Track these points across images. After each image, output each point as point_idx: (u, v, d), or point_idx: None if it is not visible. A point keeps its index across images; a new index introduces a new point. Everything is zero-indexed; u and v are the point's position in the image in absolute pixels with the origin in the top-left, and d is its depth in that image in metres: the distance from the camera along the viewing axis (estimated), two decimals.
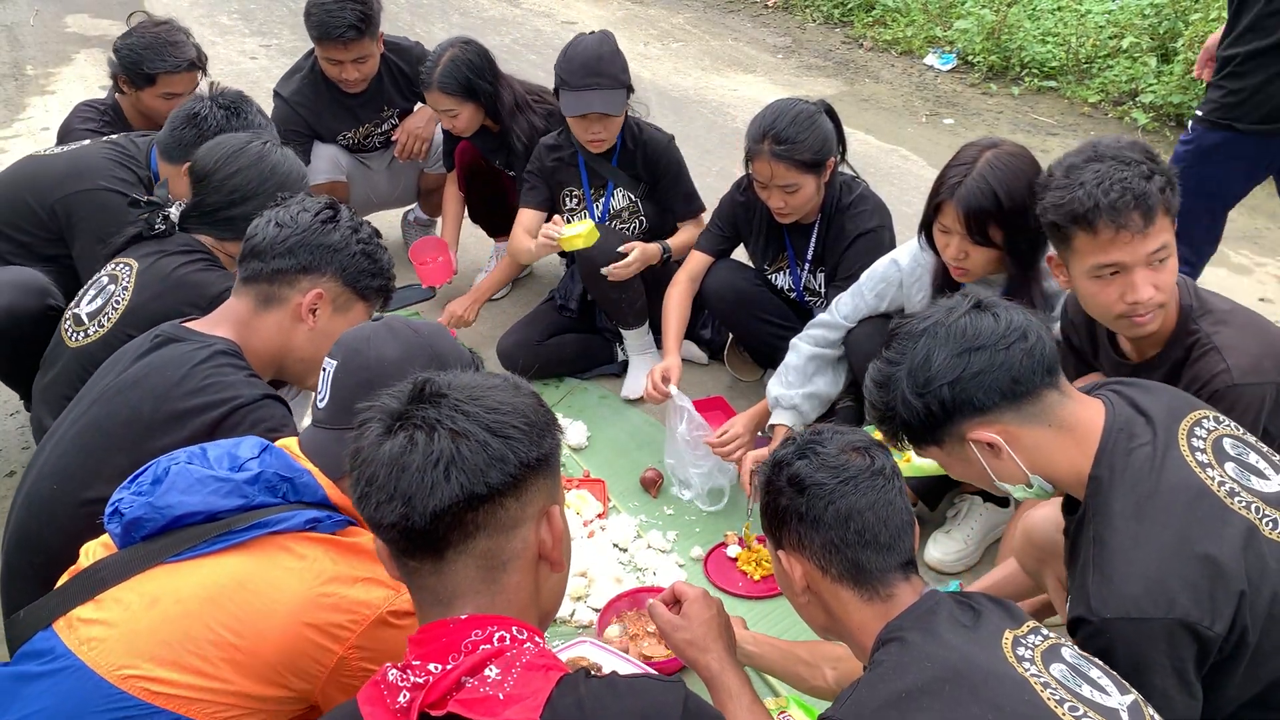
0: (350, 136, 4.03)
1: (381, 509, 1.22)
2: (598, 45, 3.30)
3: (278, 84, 4.01)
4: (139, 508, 1.56)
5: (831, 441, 1.61)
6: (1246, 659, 1.54)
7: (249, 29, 7.81)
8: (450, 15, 8.27)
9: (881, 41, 7.43)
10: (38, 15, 8.08)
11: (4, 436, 3.28)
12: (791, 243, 3.21)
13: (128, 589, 1.52)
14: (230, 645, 1.47)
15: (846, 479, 1.55)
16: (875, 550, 1.54)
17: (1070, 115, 6.07)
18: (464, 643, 1.21)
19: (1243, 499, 1.60)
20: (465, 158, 3.92)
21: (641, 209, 3.49)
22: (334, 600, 1.51)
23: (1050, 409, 1.66)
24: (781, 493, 1.60)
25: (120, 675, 1.45)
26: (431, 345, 1.71)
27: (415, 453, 1.21)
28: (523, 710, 1.15)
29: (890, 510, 1.56)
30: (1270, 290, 4.20)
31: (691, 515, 2.96)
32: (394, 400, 1.28)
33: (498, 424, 1.24)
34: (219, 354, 1.97)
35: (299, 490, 1.62)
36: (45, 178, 2.90)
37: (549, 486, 1.31)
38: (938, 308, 1.72)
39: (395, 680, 1.21)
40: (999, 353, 1.62)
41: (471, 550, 1.24)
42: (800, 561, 1.58)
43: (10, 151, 5.36)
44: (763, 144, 2.94)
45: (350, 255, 2.04)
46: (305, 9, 3.72)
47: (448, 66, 3.56)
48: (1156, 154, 1.99)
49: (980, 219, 2.45)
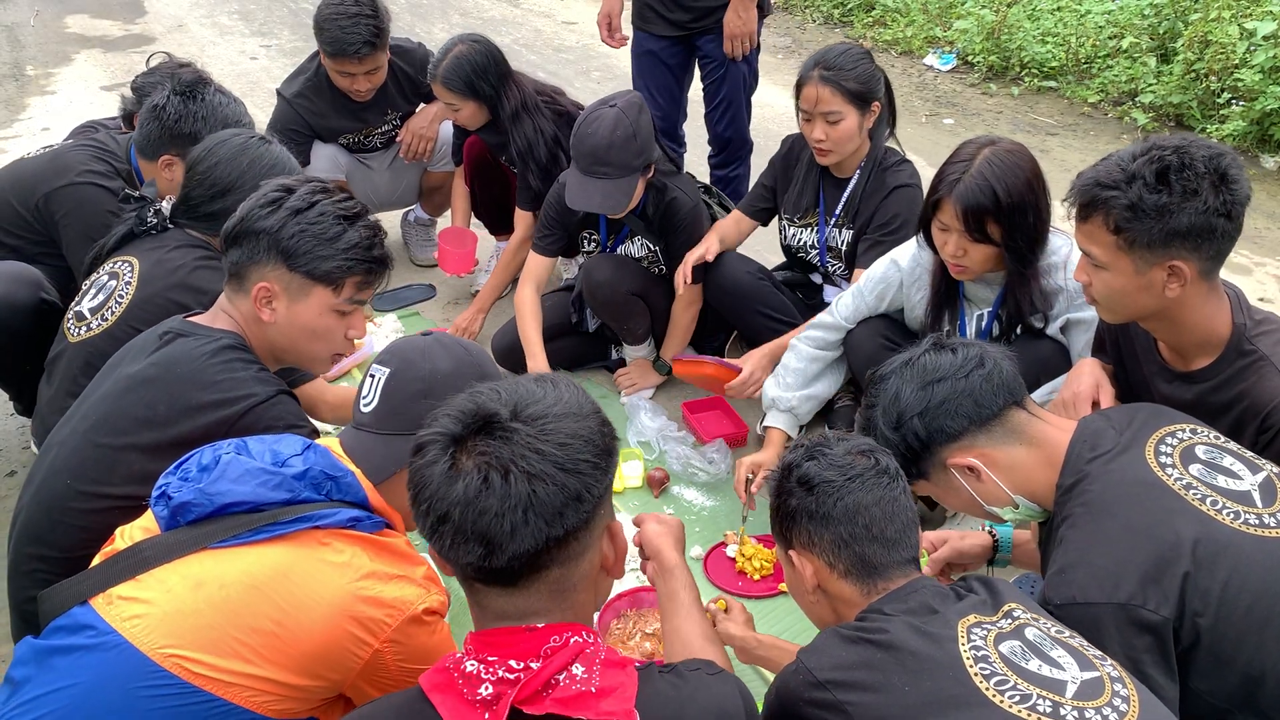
0: (351, 137, 4.04)
1: (458, 549, 1.24)
2: (611, 129, 3.06)
3: (281, 84, 4.02)
4: (189, 492, 1.59)
5: (838, 445, 1.69)
6: (1204, 645, 1.57)
7: (249, 29, 7.81)
8: (450, 15, 8.27)
9: (881, 42, 7.44)
10: (38, 16, 8.08)
11: (4, 437, 3.28)
12: (825, 196, 3.24)
13: (171, 570, 1.55)
14: (271, 634, 1.50)
15: (853, 476, 1.63)
16: (882, 545, 1.60)
17: (1070, 115, 6.07)
18: (544, 648, 1.25)
19: (1199, 492, 1.66)
20: (473, 152, 3.93)
21: (660, 258, 3.43)
22: (372, 595, 1.55)
23: (1020, 428, 1.80)
24: (791, 493, 1.67)
25: (163, 654, 1.48)
26: (480, 366, 1.80)
27: (492, 496, 1.21)
28: (617, 701, 1.21)
29: (896, 507, 1.63)
30: (1270, 290, 4.20)
31: (691, 515, 2.96)
32: (455, 425, 1.27)
33: (571, 462, 1.25)
34: (226, 349, 1.99)
35: (342, 489, 1.68)
36: (26, 179, 2.91)
37: (609, 503, 1.35)
38: (903, 354, 1.89)
39: (475, 671, 1.23)
40: (959, 381, 1.80)
41: (544, 579, 1.28)
42: (810, 559, 1.65)
43: (10, 152, 5.36)
44: (813, 70, 3.03)
45: (289, 238, 1.94)
46: (316, 23, 3.71)
47: (452, 62, 3.59)
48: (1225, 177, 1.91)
49: (978, 215, 2.46)
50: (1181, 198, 1.88)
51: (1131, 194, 1.90)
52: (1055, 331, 2.65)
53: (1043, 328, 2.67)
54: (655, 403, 3.43)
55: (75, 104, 6.17)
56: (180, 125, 2.74)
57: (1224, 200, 1.89)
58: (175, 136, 2.76)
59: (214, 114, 2.76)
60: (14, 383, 2.97)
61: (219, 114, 2.77)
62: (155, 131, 2.77)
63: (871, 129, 3.14)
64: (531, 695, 1.21)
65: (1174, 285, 1.95)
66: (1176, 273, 1.93)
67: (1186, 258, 1.91)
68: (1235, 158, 1.94)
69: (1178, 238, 1.90)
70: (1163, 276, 1.94)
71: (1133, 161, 1.93)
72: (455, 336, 1.90)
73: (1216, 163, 1.90)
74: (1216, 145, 1.95)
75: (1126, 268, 1.96)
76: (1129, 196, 1.90)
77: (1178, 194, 1.88)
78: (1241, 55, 5.40)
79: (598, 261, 3.37)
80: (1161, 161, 1.90)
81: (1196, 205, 1.88)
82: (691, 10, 3.93)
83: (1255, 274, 4.36)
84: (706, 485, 3.06)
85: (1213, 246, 1.93)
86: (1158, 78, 5.88)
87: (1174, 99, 5.70)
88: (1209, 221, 1.89)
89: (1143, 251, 1.93)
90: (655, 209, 3.31)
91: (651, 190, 3.28)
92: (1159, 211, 1.88)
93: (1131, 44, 6.16)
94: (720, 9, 3.89)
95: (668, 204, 3.28)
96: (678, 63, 4.11)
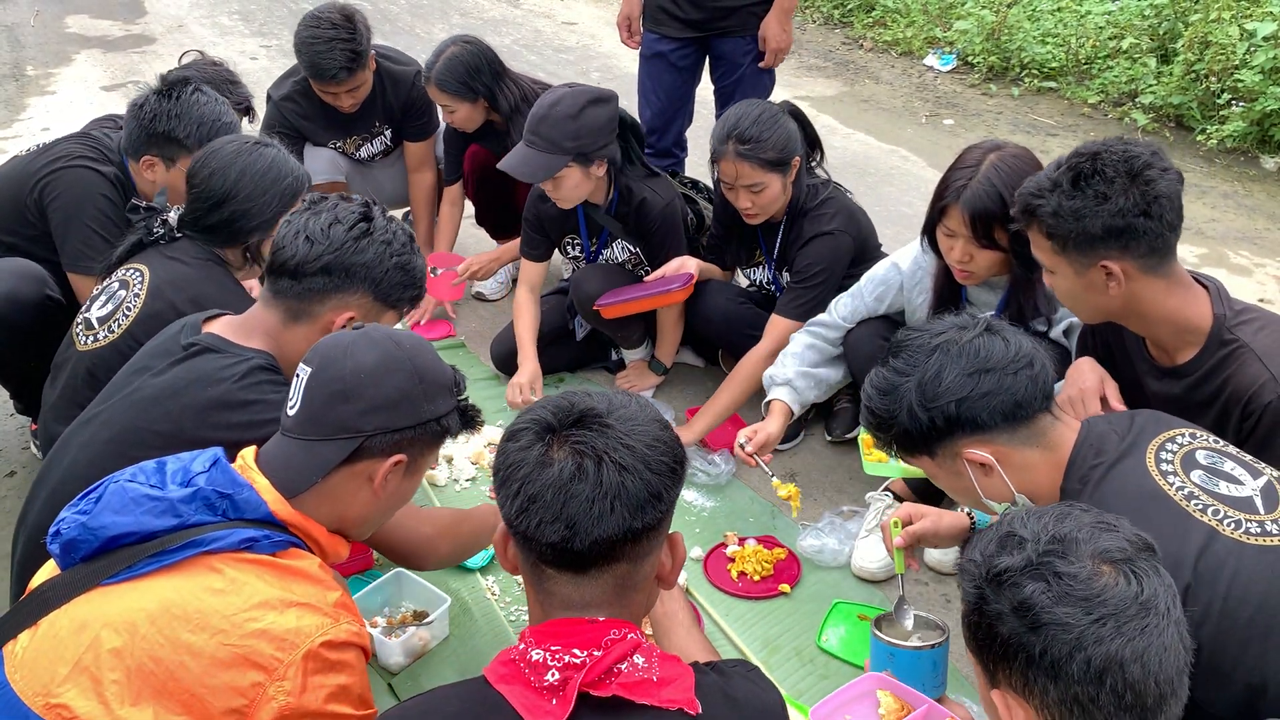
0: (341, 145, 4.02)
1: (544, 528, 1.28)
2: (552, 103, 3.06)
3: (271, 86, 4.01)
4: (74, 529, 1.51)
5: (1078, 551, 1.25)
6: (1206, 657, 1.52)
7: (249, 29, 7.81)
8: (450, 16, 8.27)
9: (881, 42, 7.44)
10: (38, 16, 8.08)
11: (4, 437, 3.28)
12: (764, 238, 3.23)
13: (63, 613, 1.48)
14: (151, 674, 1.41)
15: (1103, 617, 1.20)
16: (1138, 715, 1.21)
17: (1070, 116, 6.07)
18: (604, 639, 1.29)
19: (1200, 502, 1.65)
20: (476, 160, 3.92)
21: (645, 261, 3.41)
22: (262, 626, 1.43)
23: (1043, 431, 1.77)
24: (1002, 619, 1.25)
25: (43, 704, 1.41)
26: (412, 359, 1.68)
27: (585, 482, 1.28)
28: (678, 690, 1.27)
29: (1165, 657, 1.20)
30: (1270, 291, 4.20)
31: (691, 516, 2.96)
32: (551, 415, 1.34)
33: (656, 462, 1.32)
34: (258, 369, 1.96)
35: (239, 507, 1.56)
36: (20, 174, 2.91)
37: (672, 513, 1.39)
38: (947, 324, 1.79)
39: (541, 660, 1.27)
40: (1007, 376, 1.72)
41: (612, 571, 1.33)
42: (1024, 709, 1.26)
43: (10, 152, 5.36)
44: (727, 144, 2.95)
45: (384, 271, 2.02)
46: (295, 44, 3.67)
47: (445, 64, 3.59)
48: (1137, 177, 1.94)
49: (986, 221, 2.46)
50: (1094, 201, 1.93)
51: (1053, 201, 1.98)
52: (1058, 335, 2.65)
53: (1045, 331, 2.67)
54: (655, 401, 3.42)
55: (75, 104, 6.16)
56: (155, 124, 2.73)
57: (1136, 199, 1.93)
58: (152, 135, 2.75)
59: (188, 113, 2.74)
60: (16, 380, 2.97)
61: (194, 113, 2.75)
62: (135, 131, 2.77)
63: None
64: (597, 679, 1.26)
65: (1113, 285, 2.00)
66: (1109, 272, 1.98)
67: (1117, 257, 1.97)
68: (1155, 154, 1.97)
69: (1099, 240, 1.96)
70: (1102, 277, 2.00)
71: (1057, 169, 2.01)
72: (386, 329, 1.77)
73: (1130, 165, 1.94)
74: (1136, 145, 1.99)
75: (1068, 271, 2.04)
76: (1051, 204, 1.98)
77: (1089, 198, 1.94)
78: (1241, 56, 5.40)
79: (587, 274, 3.37)
80: (1076, 168, 1.96)
81: (1109, 208, 1.93)
82: (708, 10, 3.85)
83: (1255, 274, 4.36)
84: (706, 487, 3.05)
85: (1142, 244, 1.96)
86: (1158, 78, 5.88)
87: (1174, 100, 5.70)
88: (1127, 222, 1.93)
89: (1074, 254, 2.00)
90: (627, 209, 3.29)
91: (622, 191, 3.26)
92: (1074, 215, 1.96)
93: (1131, 45, 6.17)
94: (737, 10, 3.83)
95: (638, 205, 3.26)
96: (688, 65, 4.05)
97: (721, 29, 3.90)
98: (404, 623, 2.42)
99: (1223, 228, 4.76)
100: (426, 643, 2.41)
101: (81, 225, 2.80)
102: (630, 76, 4.29)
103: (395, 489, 1.72)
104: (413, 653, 2.38)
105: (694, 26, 3.91)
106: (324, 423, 1.63)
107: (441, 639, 2.46)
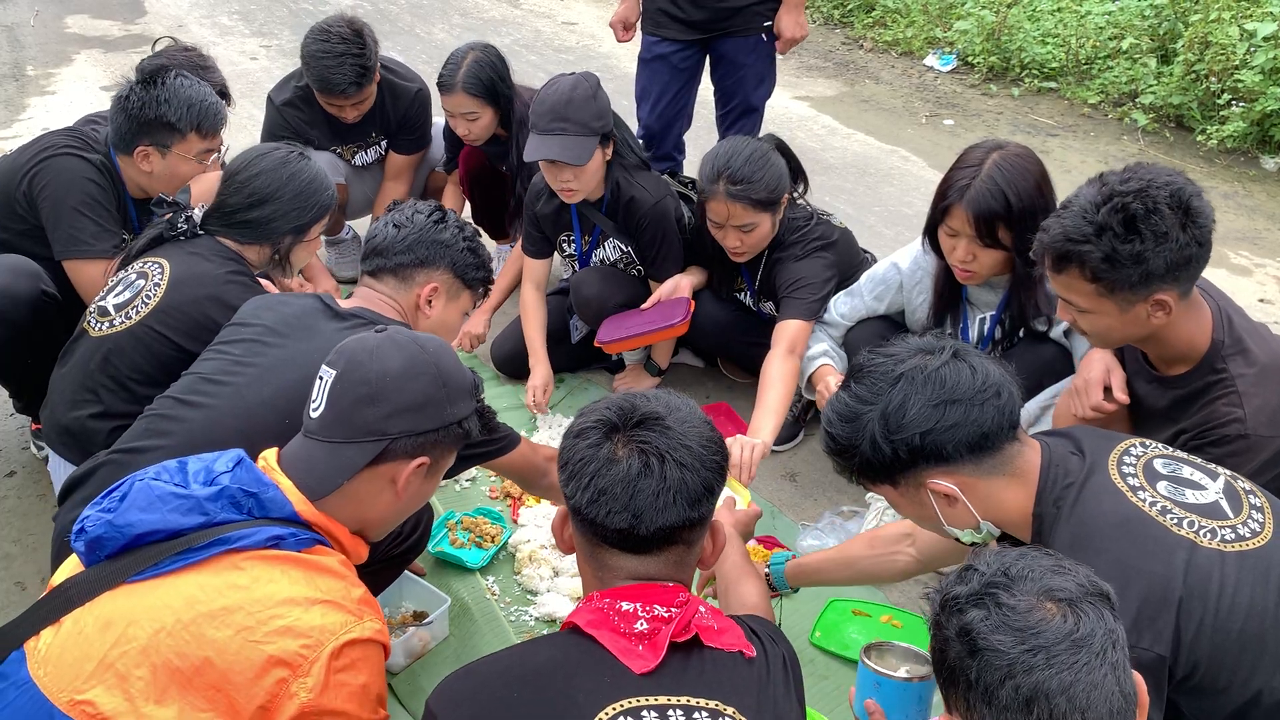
0: (338, 151, 4.01)
1: (613, 516, 1.43)
2: (570, 88, 3.07)
3: (272, 90, 3.99)
4: (100, 526, 1.51)
5: (1024, 586, 1.28)
6: (1201, 672, 1.53)
7: (249, 29, 7.81)
8: (451, 16, 8.27)
9: (881, 42, 7.44)
10: (38, 16, 8.08)
11: (4, 437, 3.28)
12: (745, 269, 3.22)
13: (87, 611, 1.48)
14: (175, 670, 1.42)
15: (1036, 648, 1.22)
16: None
17: (1070, 116, 6.07)
18: (676, 599, 1.44)
19: (1175, 515, 1.62)
20: (470, 161, 3.92)
21: (637, 260, 3.39)
22: (287, 623, 1.44)
23: (1009, 460, 1.69)
24: (949, 644, 1.30)
25: (68, 701, 1.42)
26: (436, 362, 1.70)
27: (650, 478, 1.43)
28: (733, 637, 1.45)
29: (1094, 695, 1.21)
30: (1270, 291, 4.20)
31: None
32: (614, 415, 1.48)
33: (710, 461, 1.47)
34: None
35: (264, 506, 1.57)
36: (8, 169, 2.92)
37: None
38: (913, 348, 1.71)
39: (631, 610, 1.42)
40: (974, 408, 1.63)
41: (669, 553, 1.48)
42: None
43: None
44: (718, 184, 2.91)
45: (459, 250, 2.28)
46: (302, 57, 3.64)
47: (471, 68, 3.54)
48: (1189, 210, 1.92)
49: (990, 221, 2.46)
50: (1155, 242, 1.90)
51: (1104, 245, 1.92)
52: (1058, 335, 2.66)
53: (1046, 331, 2.67)
54: None
55: (75, 104, 6.16)
56: (145, 111, 2.75)
57: (1194, 233, 1.92)
58: (143, 125, 2.76)
59: (176, 96, 2.76)
60: (14, 377, 2.97)
61: (181, 95, 2.77)
62: (124, 124, 2.78)
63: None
64: (681, 629, 1.41)
65: (1159, 315, 1.99)
66: (1161, 304, 1.97)
67: (1169, 290, 1.95)
68: (1193, 185, 1.95)
69: (1157, 278, 1.93)
70: (1148, 309, 1.98)
71: (1097, 212, 1.93)
72: (411, 332, 1.79)
73: (1179, 198, 1.92)
74: (1173, 177, 1.96)
75: (1111, 310, 2.00)
76: (1101, 249, 1.92)
77: (1150, 240, 1.90)
78: (1242, 56, 5.39)
79: (585, 277, 3.37)
80: (1127, 210, 1.91)
81: (1170, 246, 1.91)
82: (712, 10, 3.80)
83: (1255, 274, 4.35)
84: None
85: (1194, 271, 1.97)
86: (1158, 79, 5.88)
87: (1174, 100, 5.70)
88: (1186, 255, 1.93)
89: (1125, 294, 1.96)
90: (617, 205, 3.26)
91: (612, 185, 3.22)
92: (1135, 259, 1.91)
93: (1132, 45, 6.16)
94: (742, 10, 3.80)
95: (627, 203, 3.23)
96: (689, 67, 3.99)
97: (724, 29, 3.85)
98: (404, 623, 2.43)
99: (1223, 228, 4.72)
100: (426, 643, 2.41)
101: (70, 210, 2.81)
102: (630, 77, 4.28)
103: (416, 491, 1.73)
104: (413, 653, 2.38)
105: (696, 28, 3.86)
106: (350, 425, 1.64)
107: (441, 639, 2.46)
